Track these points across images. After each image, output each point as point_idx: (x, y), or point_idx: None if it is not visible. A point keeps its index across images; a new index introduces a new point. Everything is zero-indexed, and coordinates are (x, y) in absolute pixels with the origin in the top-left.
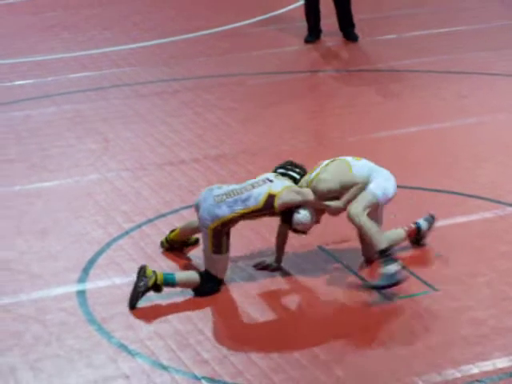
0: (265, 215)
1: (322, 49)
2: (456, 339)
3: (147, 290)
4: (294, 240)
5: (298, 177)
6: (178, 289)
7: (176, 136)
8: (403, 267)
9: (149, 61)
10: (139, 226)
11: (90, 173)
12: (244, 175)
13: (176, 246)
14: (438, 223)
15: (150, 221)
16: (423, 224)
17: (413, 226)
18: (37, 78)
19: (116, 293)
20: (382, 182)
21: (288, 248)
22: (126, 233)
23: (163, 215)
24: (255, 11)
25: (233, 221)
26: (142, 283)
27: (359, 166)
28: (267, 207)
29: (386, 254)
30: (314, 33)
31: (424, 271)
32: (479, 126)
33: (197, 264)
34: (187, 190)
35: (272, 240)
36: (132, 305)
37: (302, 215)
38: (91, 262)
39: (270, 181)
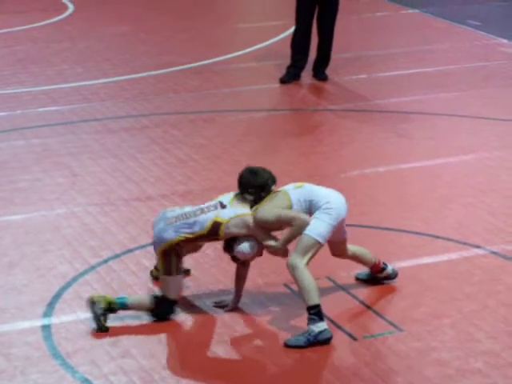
0: (210, 240)
1: (292, 87)
2: (420, 380)
3: (104, 310)
4: (259, 278)
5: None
6: (144, 321)
7: (144, 172)
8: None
9: (118, 96)
10: (106, 261)
11: (57, 207)
12: None
13: None
14: (404, 264)
15: (116, 256)
16: (388, 270)
17: (382, 264)
18: (5, 111)
19: (81, 328)
20: (318, 222)
21: (254, 286)
22: (93, 268)
23: (130, 250)
24: (226, 49)
25: (180, 244)
26: (95, 308)
27: (298, 197)
28: (212, 233)
29: (314, 312)
30: (292, 71)
31: (389, 311)
32: (446, 167)
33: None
34: None
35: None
36: (100, 329)
37: (243, 246)
38: (57, 297)
39: (223, 206)
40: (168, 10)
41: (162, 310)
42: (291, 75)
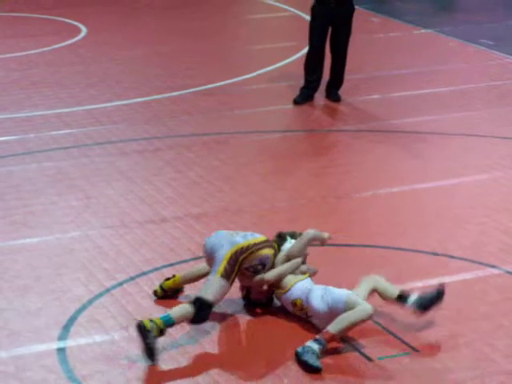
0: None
1: (306, 108)
2: None
3: (156, 337)
4: None
5: None
6: (159, 344)
7: (158, 194)
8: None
9: (131, 119)
10: (120, 283)
11: (71, 230)
12: None
13: (170, 293)
14: (419, 284)
15: (131, 278)
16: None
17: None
18: (19, 135)
19: (96, 350)
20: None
21: None
22: (107, 290)
23: (144, 273)
24: (239, 70)
25: (247, 251)
26: (149, 339)
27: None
28: (269, 240)
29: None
30: (305, 93)
31: (404, 332)
32: (461, 186)
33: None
34: (168, 248)
35: None
36: (152, 361)
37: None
38: (72, 320)
39: None
40: (181, 33)
41: (200, 316)
42: (304, 96)
